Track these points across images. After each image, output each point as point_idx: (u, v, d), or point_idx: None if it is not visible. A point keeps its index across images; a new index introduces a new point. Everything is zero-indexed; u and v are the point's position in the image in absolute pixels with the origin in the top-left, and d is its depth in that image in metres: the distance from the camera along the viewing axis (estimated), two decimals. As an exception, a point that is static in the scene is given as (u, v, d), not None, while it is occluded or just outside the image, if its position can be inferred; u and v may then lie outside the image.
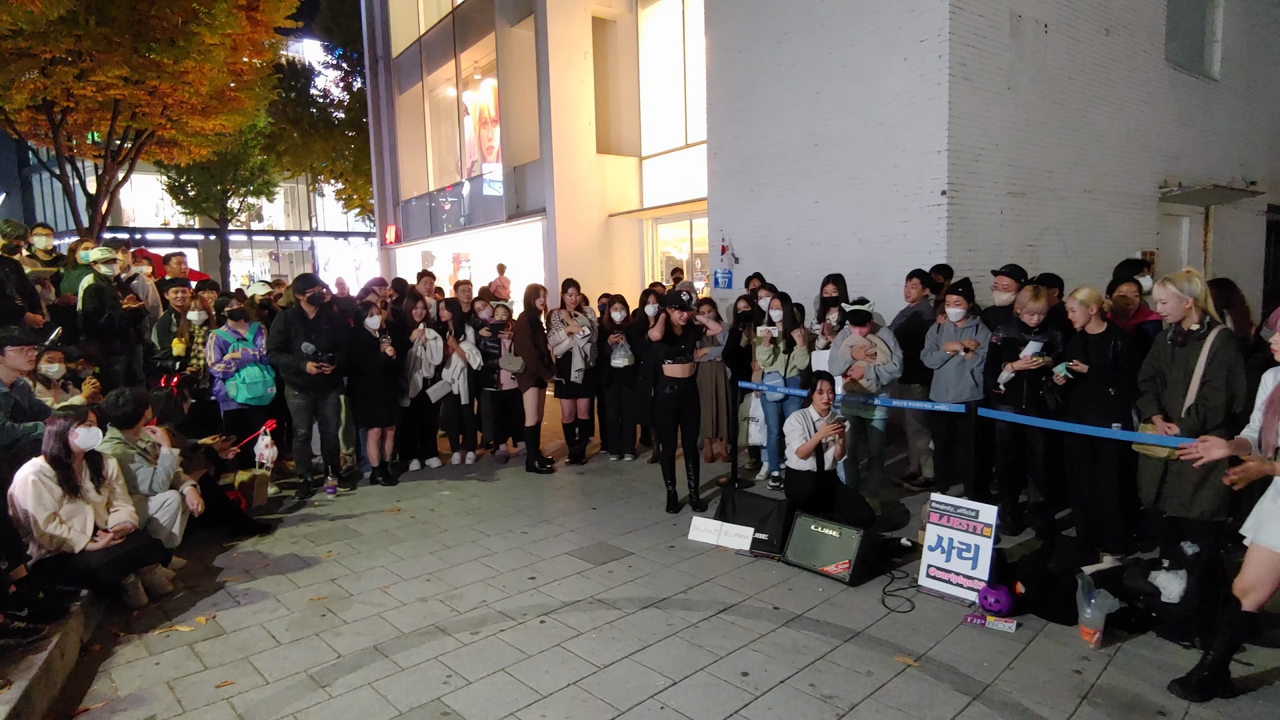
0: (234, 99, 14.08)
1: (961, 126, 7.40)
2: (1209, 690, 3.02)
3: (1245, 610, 2.94)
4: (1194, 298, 3.79)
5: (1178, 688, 3.07)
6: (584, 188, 13.14)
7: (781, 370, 5.98)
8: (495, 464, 7.20)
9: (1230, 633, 3.02)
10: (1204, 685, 3.03)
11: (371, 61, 19.85)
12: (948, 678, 3.23)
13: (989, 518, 4.06)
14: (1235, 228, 11.85)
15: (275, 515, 5.71)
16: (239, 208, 27.30)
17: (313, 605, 4.10)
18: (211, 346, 6.20)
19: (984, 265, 6.96)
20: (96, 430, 4.06)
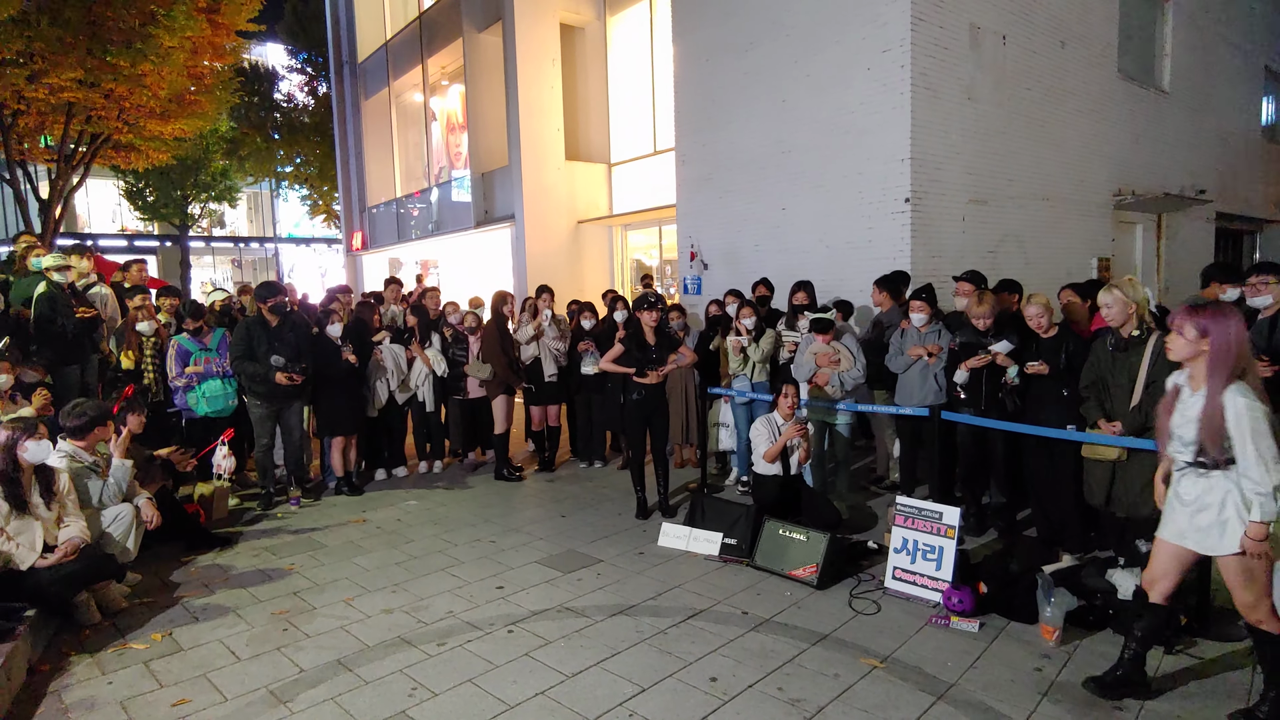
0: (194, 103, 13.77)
1: (924, 135, 7.54)
2: (1121, 690, 3.03)
3: (1153, 602, 3.02)
4: (1137, 304, 3.91)
5: (1093, 685, 3.07)
6: (553, 194, 13.12)
7: (749, 374, 6.02)
8: (463, 472, 7.12)
9: (1142, 626, 3.06)
10: (1118, 684, 3.04)
11: (337, 66, 19.62)
12: (913, 678, 3.27)
13: (952, 519, 4.13)
14: (1186, 234, 12.26)
15: (236, 528, 5.59)
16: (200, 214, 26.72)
17: (274, 619, 4.01)
18: (173, 357, 6.04)
19: (947, 271, 7.09)
20: (47, 444, 3.94)
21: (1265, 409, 2.64)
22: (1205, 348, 2.74)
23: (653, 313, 5.53)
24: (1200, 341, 2.75)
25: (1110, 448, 3.94)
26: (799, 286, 6.50)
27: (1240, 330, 2.72)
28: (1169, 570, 2.97)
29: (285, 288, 9.27)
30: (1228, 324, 2.71)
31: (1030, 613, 3.71)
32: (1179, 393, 2.89)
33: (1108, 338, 4.09)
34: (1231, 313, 2.76)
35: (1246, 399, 2.64)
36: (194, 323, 6.11)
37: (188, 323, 6.13)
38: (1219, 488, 2.76)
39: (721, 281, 9.05)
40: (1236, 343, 2.69)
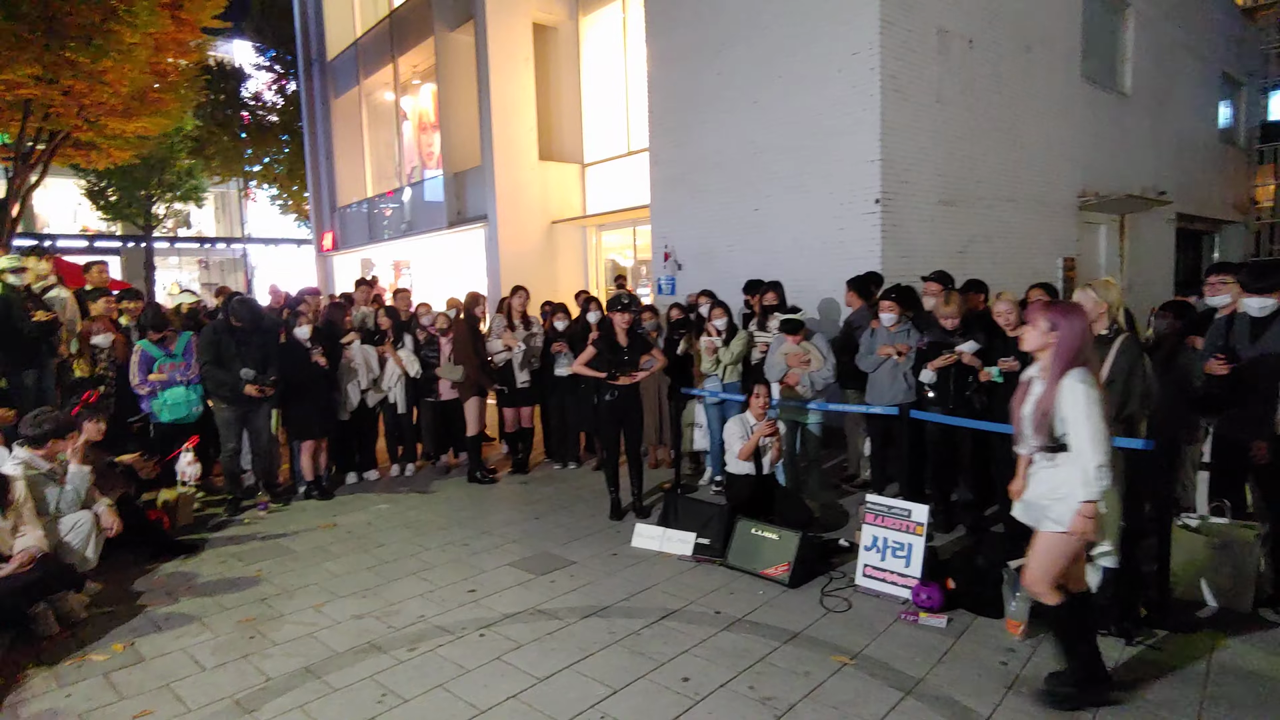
0: (157, 100, 13.47)
1: (893, 137, 7.63)
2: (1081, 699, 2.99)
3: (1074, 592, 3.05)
4: (1109, 304, 4.00)
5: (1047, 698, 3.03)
6: (526, 194, 13.05)
7: (720, 375, 6.05)
8: (436, 475, 7.06)
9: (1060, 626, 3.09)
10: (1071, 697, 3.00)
11: (306, 64, 19.31)
12: (882, 674, 3.30)
13: (921, 517, 4.18)
14: (1148, 234, 12.55)
15: (202, 534, 5.48)
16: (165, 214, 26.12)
17: (240, 627, 3.94)
18: (135, 363, 5.89)
19: (918, 271, 7.15)
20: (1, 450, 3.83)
21: (1098, 395, 2.80)
22: (1053, 340, 2.89)
23: (625, 315, 5.53)
24: (1050, 334, 2.90)
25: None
26: (769, 287, 6.54)
27: (1085, 325, 2.89)
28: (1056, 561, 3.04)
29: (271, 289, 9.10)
30: (1074, 320, 2.89)
31: (997, 608, 3.77)
32: (1031, 384, 3.01)
33: None
34: (1078, 309, 2.97)
35: (1082, 384, 2.79)
36: (156, 334, 5.94)
37: (150, 334, 5.95)
38: (1061, 473, 2.88)
39: (696, 282, 9.07)
40: (1081, 336, 2.86)
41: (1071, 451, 2.83)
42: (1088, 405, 2.77)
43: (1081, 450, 2.78)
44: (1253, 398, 3.81)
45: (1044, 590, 2.98)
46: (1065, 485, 2.87)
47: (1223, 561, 3.79)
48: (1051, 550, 2.94)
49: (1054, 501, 2.92)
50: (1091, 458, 2.76)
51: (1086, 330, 2.89)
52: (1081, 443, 2.78)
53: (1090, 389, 2.80)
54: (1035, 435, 2.93)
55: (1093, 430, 2.76)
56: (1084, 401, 2.78)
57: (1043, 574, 2.96)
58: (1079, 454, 2.79)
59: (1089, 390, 2.79)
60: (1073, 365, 2.84)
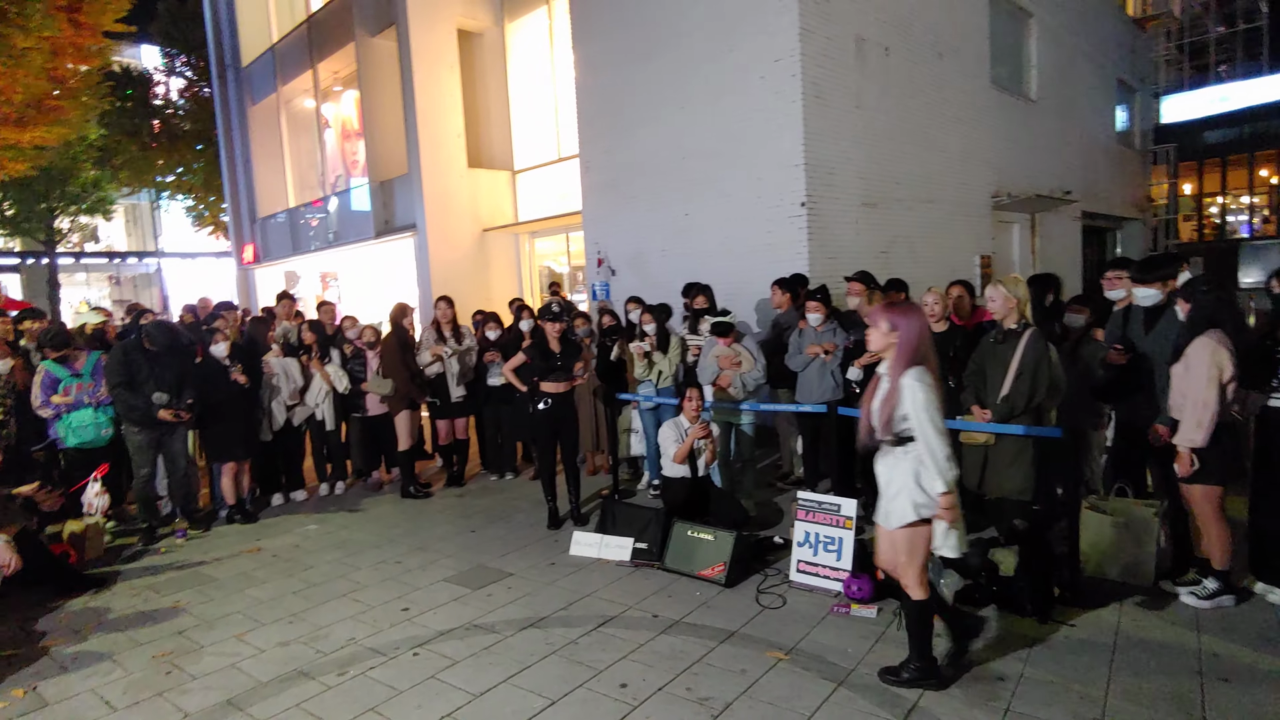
0: (56, 108, 12.72)
1: (816, 142, 7.84)
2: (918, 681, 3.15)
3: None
4: (1018, 299, 4.20)
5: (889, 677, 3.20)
6: (456, 202, 12.85)
7: (655, 380, 6.08)
8: (367, 493, 6.86)
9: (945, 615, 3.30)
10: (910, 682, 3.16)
11: (219, 70, 18.54)
12: (815, 667, 3.37)
13: (850, 510, 4.29)
14: (1057, 232, 13.25)
15: (114, 566, 5.18)
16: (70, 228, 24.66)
17: (156, 662, 3.74)
18: (38, 384, 5.52)
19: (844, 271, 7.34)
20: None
21: (933, 393, 2.94)
22: (894, 340, 3.02)
23: (556, 324, 5.52)
24: (891, 335, 3.03)
25: (981, 433, 4.20)
26: (699, 290, 6.62)
27: (923, 325, 3.04)
28: (884, 549, 3.21)
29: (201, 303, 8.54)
30: (912, 320, 3.02)
31: (923, 595, 3.90)
32: (879, 380, 3.13)
33: (992, 331, 4.36)
34: (916, 310, 3.11)
35: (920, 382, 2.93)
36: (56, 353, 5.59)
37: (47, 352, 5.59)
38: (901, 465, 3.02)
39: (630, 286, 9.11)
40: (919, 336, 3.00)
41: (917, 447, 2.95)
42: (926, 403, 2.91)
43: (928, 445, 2.91)
44: (1148, 384, 4.06)
45: (913, 584, 3.10)
46: (899, 481, 3.03)
47: (1126, 539, 4.02)
48: (910, 544, 3.06)
49: (891, 500, 3.06)
50: (939, 450, 2.90)
51: (924, 330, 3.03)
52: (926, 438, 2.91)
53: (926, 388, 2.93)
54: (882, 431, 3.06)
55: (934, 426, 2.90)
56: (922, 399, 2.91)
57: (910, 568, 3.09)
58: (925, 449, 2.92)
59: (926, 389, 2.93)
60: (911, 364, 2.98)
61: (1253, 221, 19.68)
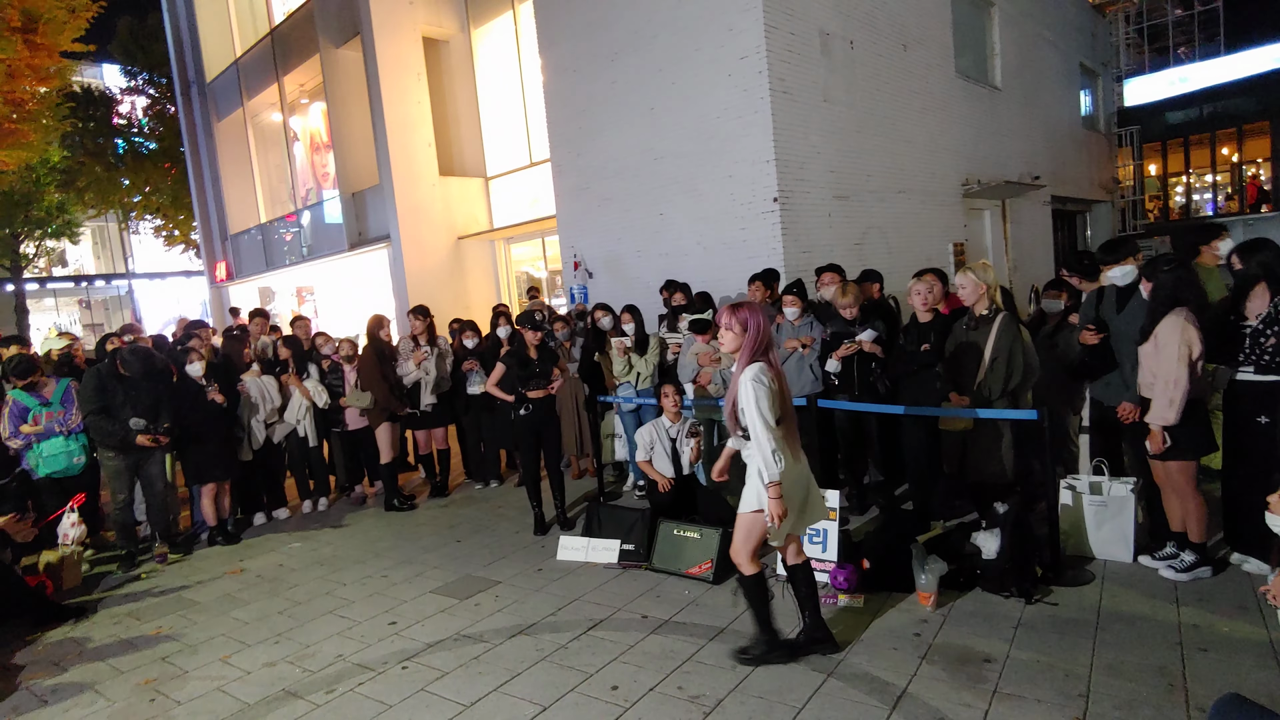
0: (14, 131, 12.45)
1: (786, 137, 7.88)
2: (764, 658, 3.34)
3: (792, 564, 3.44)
4: (987, 285, 4.25)
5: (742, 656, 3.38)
6: (429, 211, 12.79)
7: (634, 382, 6.08)
8: (350, 508, 6.80)
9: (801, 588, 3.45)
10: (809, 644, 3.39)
11: (183, 87, 18.32)
12: (804, 659, 3.39)
13: (833, 502, 4.31)
14: (1027, 217, 13.43)
15: (94, 595, 5.09)
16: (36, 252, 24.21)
17: (139, 690, 3.68)
18: (5, 415, 5.41)
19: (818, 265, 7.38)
20: None
21: (769, 387, 3.08)
22: (746, 339, 3.16)
23: (536, 333, 5.51)
24: (741, 335, 3.17)
25: (960, 419, 4.25)
26: (676, 287, 6.63)
27: (765, 324, 3.19)
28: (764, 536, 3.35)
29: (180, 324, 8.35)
30: (757, 316, 3.18)
31: (909, 582, 3.93)
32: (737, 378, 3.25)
33: (965, 317, 4.40)
34: (760, 307, 3.25)
35: (755, 379, 3.08)
36: (22, 381, 5.48)
37: (12, 380, 5.48)
38: (754, 457, 3.16)
39: (607, 288, 9.12)
40: (759, 335, 3.16)
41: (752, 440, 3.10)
42: (757, 399, 3.05)
43: (756, 439, 3.06)
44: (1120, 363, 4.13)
45: (744, 562, 3.32)
46: (750, 470, 3.19)
47: (1104, 517, 4.08)
48: (748, 529, 3.28)
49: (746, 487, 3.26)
50: (765, 444, 3.04)
51: (765, 328, 3.18)
52: (755, 432, 3.07)
53: (758, 382, 3.07)
54: (730, 425, 3.27)
55: (762, 421, 3.04)
56: (752, 394, 3.06)
57: (743, 548, 3.31)
58: (755, 443, 3.08)
59: (759, 385, 3.07)
60: (752, 361, 3.14)
61: (1216, 200, 20.05)
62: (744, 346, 3.15)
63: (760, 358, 3.14)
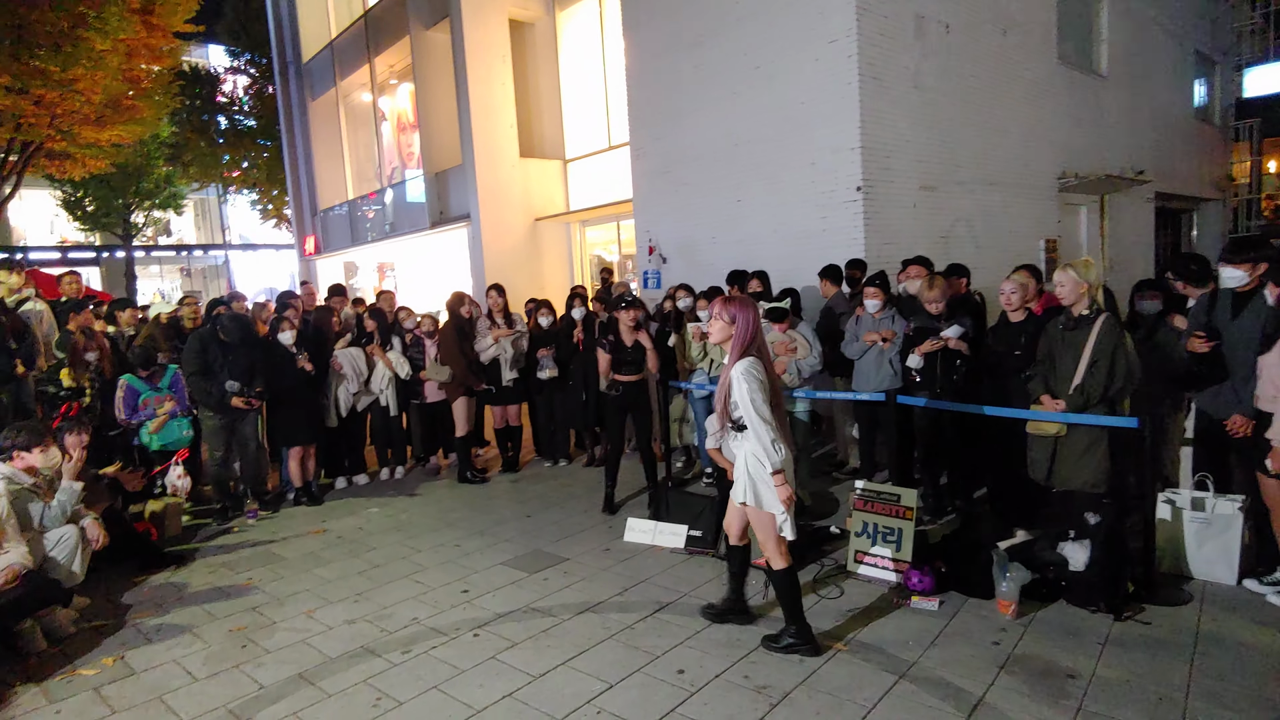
0: (131, 108, 13.32)
1: (872, 124, 7.64)
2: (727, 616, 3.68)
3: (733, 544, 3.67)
4: (1088, 284, 4.02)
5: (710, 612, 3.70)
6: (508, 192, 12.99)
7: (707, 368, 6.05)
8: (425, 477, 7.03)
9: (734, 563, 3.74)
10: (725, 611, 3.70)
11: (281, 67, 19.12)
12: (875, 659, 3.32)
13: (910, 501, 4.21)
14: (1128, 215, 12.65)
15: (191, 545, 5.44)
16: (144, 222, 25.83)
17: (232, 636, 3.91)
18: (120, 399, 5.78)
19: (900, 257, 7.16)
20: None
21: (760, 380, 3.14)
22: (734, 332, 3.23)
23: (631, 311, 5.54)
24: (730, 326, 3.23)
25: (1051, 424, 4.05)
26: (754, 275, 6.55)
27: (755, 318, 3.23)
28: (731, 519, 3.61)
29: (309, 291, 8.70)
30: (746, 313, 3.22)
31: (987, 589, 3.80)
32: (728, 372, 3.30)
33: (1060, 317, 4.19)
34: (750, 303, 3.29)
35: (748, 373, 3.14)
36: (145, 371, 5.84)
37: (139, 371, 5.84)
38: (742, 447, 3.27)
39: (680, 274, 9.07)
40: (750, 329, 3.22)
41: (748, 432, 3.17)
42: (750, 391, 3.11)
43: (754, 431, 3.12)
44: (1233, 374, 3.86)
45: (775, 556, 3.37)
46: (739, 463, 3.29)
47: (1206, 535, 3.84)
48: (766, 526, 3.31)
49: (738, 478, 3.30)
50: (765, 434, 3.10)
51: (756, 322, 3.23)
52: (752, 424, 3.13)
53: (752, 378, 3.13)
54: (720, 417, 3.33)
55: (757, 412, 3.10)
56: (746, 389, 3.12)
57: (767, 541, 3.35)
58: (753, 434, 3.14)
59: (751, 379, 3.13)
60: (743, 355, 3.20)
61: (1345, 200, 18.43)
62: (734, 340, 3.23)
63: (751, 352, 3.22)
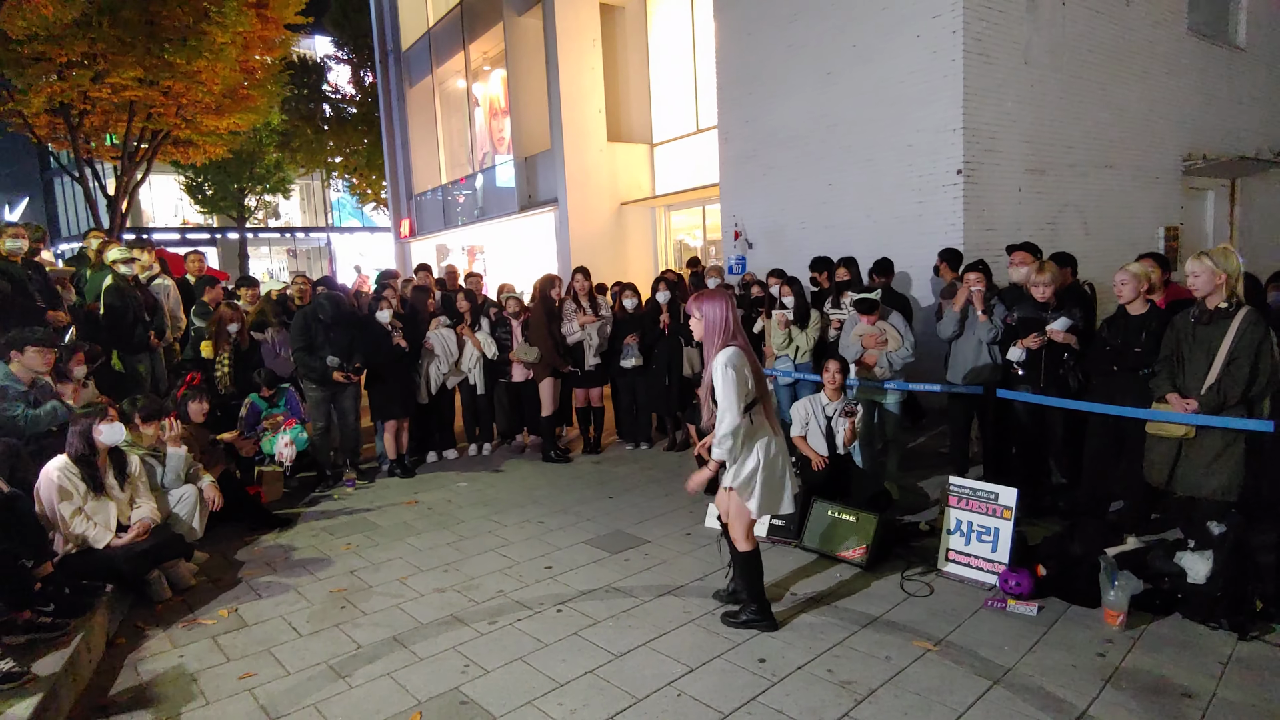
0: (246, 97, 14.17)
1: (977, 104, 7.26)
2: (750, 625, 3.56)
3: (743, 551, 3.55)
4: (1227, 274, 3.69)
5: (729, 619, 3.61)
6: (595, 176, 13.09)
7: (792, 355, 5.93)
8: (511, 455, 7.22)
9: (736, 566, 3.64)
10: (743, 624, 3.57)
11: (382, 56, 19.88)
12: (968, 662, 3.19)
13: (1009, 500, 4.00)
14: (1263, 200, 11.56)
15: (295, 509, 5.78)
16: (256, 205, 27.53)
17: (332, 597, 4.14)
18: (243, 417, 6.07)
19: (1002, 245, 6.83)
20: (119, 426, 4.12)
21: (736, 373, 3.16)
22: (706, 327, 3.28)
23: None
24: (700, 322, 3.28)
25: (1177, 425, 3.75)
26: (842, 263, 6.37)
27: (724, 308, 3.26)
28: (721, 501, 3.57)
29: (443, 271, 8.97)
30: (715, 305, 3.27)
31: (1092, 597, 3.58)
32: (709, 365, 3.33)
33: (1191, 309, 3.87)
34: (721, 294, 3.32)
35: (723, 363, 3.19)
36: (269, 390, 6.18)
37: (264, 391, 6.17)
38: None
39: (766, 260, 8.92)
40: (724, 319, 3.25)
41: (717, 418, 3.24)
42: (724, 382, 3.17)
43: (721, 418, 3.19)
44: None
45: (740, 538, 3.47)
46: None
47: (1352, 552, 3.48)
48: (738, 508, 3.41)
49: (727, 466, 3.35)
50: (726, 423, 3.16)
51: (726, 314, 3.26)
52: (721, 413, 3.19)
53: (726, 367, 3.17)
54: (704, 408, 3.42)
55: (727, 402, 3.16)
56: (721, 377, 3.18)
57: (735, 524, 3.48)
58: (719, 421, 3.20)
59: (725, 368, 3.18)
60: (722, 347, 3.24)
61: None
62: (707, 334, 3.28)
63: (732, 342, 3.26)
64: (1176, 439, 3.76)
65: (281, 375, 6.37)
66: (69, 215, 32.26)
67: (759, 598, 3.55)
